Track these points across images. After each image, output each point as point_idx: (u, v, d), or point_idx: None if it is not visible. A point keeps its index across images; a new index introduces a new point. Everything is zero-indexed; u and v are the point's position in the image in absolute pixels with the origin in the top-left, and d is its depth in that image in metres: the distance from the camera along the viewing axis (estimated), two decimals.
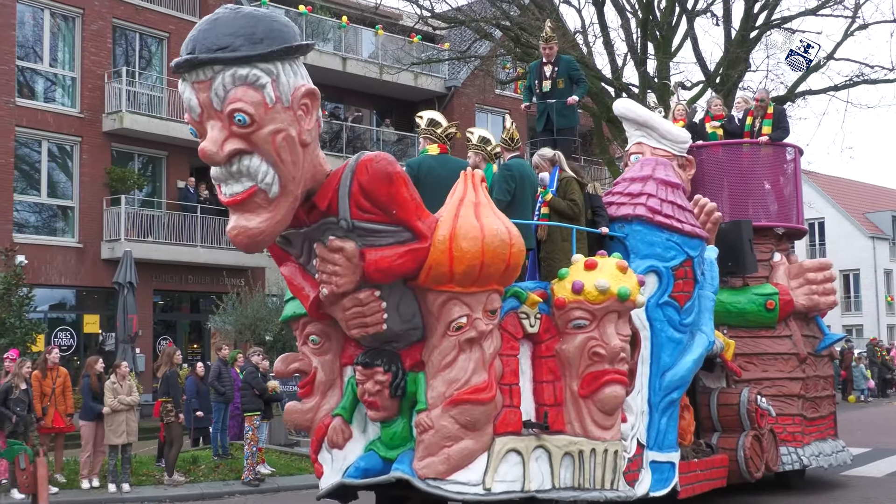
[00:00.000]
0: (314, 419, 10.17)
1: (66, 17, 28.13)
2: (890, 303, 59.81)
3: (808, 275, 15.07)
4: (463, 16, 30.14)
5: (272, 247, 9.64)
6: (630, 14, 29.35)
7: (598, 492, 10.06)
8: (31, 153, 27.80)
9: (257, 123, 8.05)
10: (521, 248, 9.27)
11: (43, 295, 26.39)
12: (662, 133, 14.46)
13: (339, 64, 32.80)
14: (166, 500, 15.97)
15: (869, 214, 62.02)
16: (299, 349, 10.56)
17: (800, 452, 14.26)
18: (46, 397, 16.24)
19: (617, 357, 10.00)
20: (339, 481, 9.89)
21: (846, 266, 58.16)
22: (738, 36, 28.63)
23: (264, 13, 8.55)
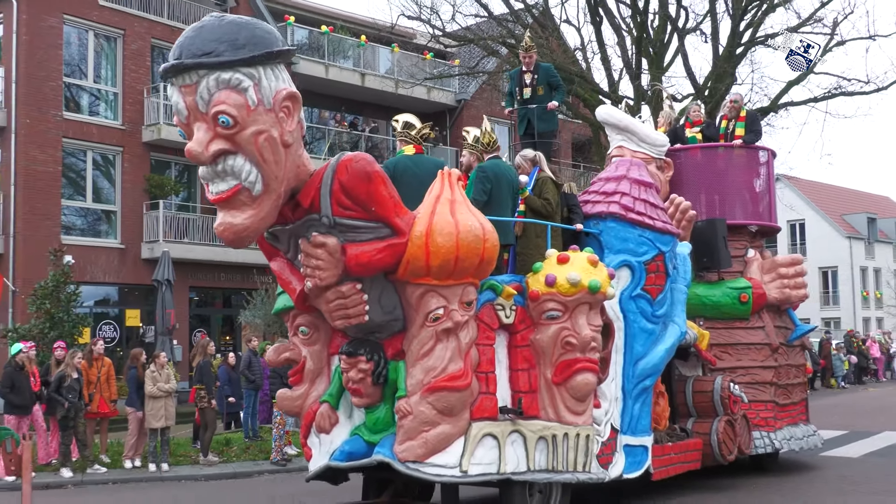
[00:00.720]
0: (303, 405, 9.86)
1: (109, 37, 27.94)
2: (865, 297, 59.68)
3: (781, 270, 14.60)
4: (472, 35, 29.99)
5: (262, 243, 9.44)
6: (625, 32, 29.12)
7: (570, 474, 9.65)
8: (78, 162, 27.65)
9: (240, 125, 7.80)
10: (494, 243, 8.95)
11: (88, 291, 26.15)
12: (642, 137, 14.09)
13: (359, 79, 32.59)
14: (202, 478, 15.83)
15: (846, 216, 61.94)
16: (290, 339, 10.24)
17: (772, 436, 13.78)
18: (92, 385, 16.32)
19: (588, 346, 9.58)
20: (326, 464, 9.61)
21: (825, 264, 58.79)
22: (725, 52, 28.26)
23: (247, 21, 8.40)
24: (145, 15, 28.31)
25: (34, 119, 25.90)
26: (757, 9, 28.12)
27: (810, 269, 57.49)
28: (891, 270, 60.95)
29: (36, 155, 25.90)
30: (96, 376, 16.44)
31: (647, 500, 11.79)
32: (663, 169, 14.18)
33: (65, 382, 15.36)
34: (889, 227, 64.27)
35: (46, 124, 26.10)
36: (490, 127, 10.75)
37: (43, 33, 26.13)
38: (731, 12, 28.12)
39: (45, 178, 26.04)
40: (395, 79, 33.69)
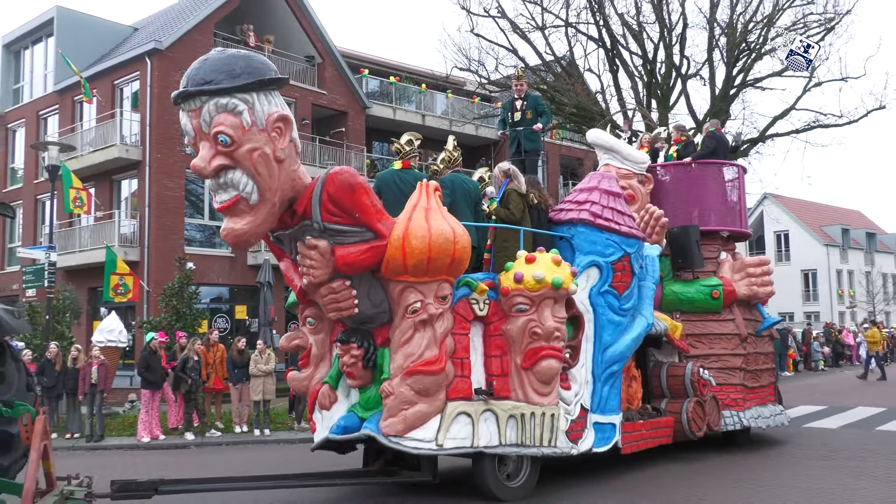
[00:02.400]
0: (309, 385, 9.22)
1: None
2: (840, 295, 58.41)
3: (749, 269, 13.34)
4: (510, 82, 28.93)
5: (272, 247, 9.00)
6: (638, 78, 28.40)
7: (536, 448, 8.74)
8: (197, 188, 27.28)
9: (237, 143, 7.41)
10: (464, 245, 8.20)
11: (206, 291, 25.99)
12: (625, 156, 13.03)
13: (420, 119, 31.94)
14: (296, 441, 15.32)
15: (823, 227, 60.71)
16: (300, 329, 9.49)
17: (741, 415, 12.49)
18: (209, 366, 16.46)
19: (552, 335, 8.64)
20: (326, 437, 8.85)
21: (806, 267, 58.34)
22: (720, 93, 27.48)
23: (245, 54, 7.87)
24: None
25: (163, 154, 25.67)
26: (747, 57, 27.34)
27: (793, 272, 57.74)
28: (862, 272, 60.48)
29: (165, 183, 25.67)
30: (212, 359, 16.56)
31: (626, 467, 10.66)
32: (644, 182, 13.11)
33: (188, 364, 15.83)
34: (860, 237, 63.07)
35: (173, 158, 25.84)
36: (452, 146, 9.85)
37: (169, 86, 25.78)
38: (726, 60, 27.38)
39: (171, 202, 25.77)
40: (449, 119, 33.04)
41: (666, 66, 27.73)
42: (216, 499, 9.09)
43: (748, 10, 26.83)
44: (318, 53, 29.61)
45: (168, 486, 8.05)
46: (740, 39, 26.83)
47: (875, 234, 65.34)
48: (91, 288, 26.35)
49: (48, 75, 29.08)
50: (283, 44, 29.15)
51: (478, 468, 8.62)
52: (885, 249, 64.79)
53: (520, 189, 9.64)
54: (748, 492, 9.29)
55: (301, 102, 28.95)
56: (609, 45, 28.07)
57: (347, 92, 30.24)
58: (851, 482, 9.80)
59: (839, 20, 26.30)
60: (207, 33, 26.87)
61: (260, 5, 28.57)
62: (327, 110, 29.62)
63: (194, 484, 8.52)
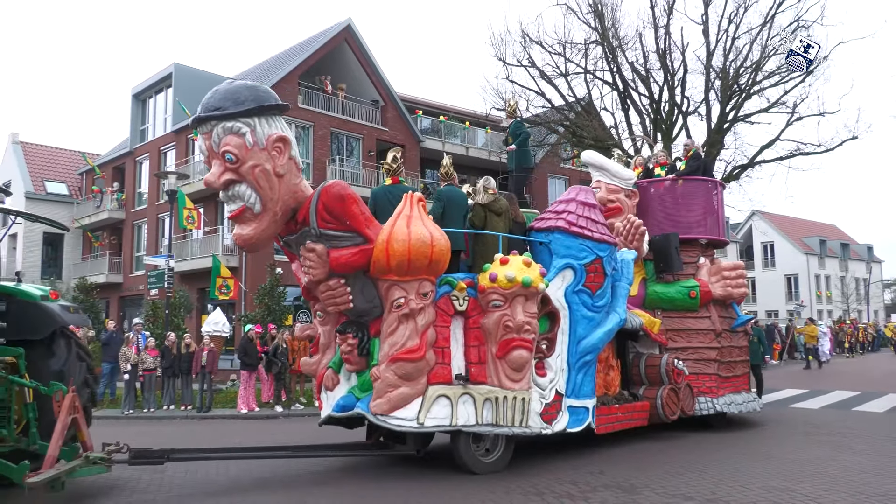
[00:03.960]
0: (317, 370, 8.55)
1: (304, 127, 27.29)
2: (819, 296, 55.86)
3: (724, 273, 12.23)
4: (539, 119, 28.42)
5: (285, 250, 8.44)
6: (645, 115, 27.19)
7: (507, 428, 7.89)
8: None
9: (241, 160, 7.11)
10: (441, 248, 7.45)
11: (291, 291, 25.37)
12: (613, 173, 12.10)
13: (464, 151, 31.26)
14: None
15: (804, 238, 58.23)
16: (312, 320, 8.86)
17: (715, 401, 11.42)
18: (295, 352, 16.03)
19: (522, 328, 7.80)
20: (329, 414, 8.19)
21: (789, 272, 56.53)
22: (715, 127, 26.02)
23: (251, 84, 7.39)
24: (326, 112, 27.54)
25: None
26: (738, 97, 25.77)
27: (778, 277, 55.71)
28: (837, 277, 58.39)
29: None
30: (297, 346, 16.14)
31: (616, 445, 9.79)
32: (630, 196, 12.10)
33: (278, 350, 15.75)
34: (836, 246, 60.51)
35: None
36: (448, 162, 9.11)
37: None
38: (720, 99, 25.92)
39: None
40: (488, 150, 32.21)
41: (669, 104, 26.53)
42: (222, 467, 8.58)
43: (739, 57, 25.61)
44: (382, 98, 29.17)
45: (178, 455, 7.51)
46: (732, 82, 25.55)
47: (848, 244, 62.96)
48: (200, 288, 26.33)
49: (167, 119, 29.26)
50: (353, 90, 28.83)
51: (455, 444, 7.85)
52: (857, 258, 62.39)
53: (480, 201, 8.86)
54: (742, 462, 8.66)
55: (367, 138, 28.59)
56: (621, 88, 27.02)
57: (405, 129, 29.76)
58: (833, 454, 9.24)
59: (817, 65, 24.84)
60: (293, 82, 26.68)
61: (335, 59, 28.29)
62: (388, 144, 29.12)
63: (202, 453, 7.94)
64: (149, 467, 7.55)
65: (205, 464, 8.39)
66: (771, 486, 7.31)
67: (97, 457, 7.00)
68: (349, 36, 28.11)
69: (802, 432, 11.24)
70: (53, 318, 7.65)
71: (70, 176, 34.23)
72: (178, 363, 16.01)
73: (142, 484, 7.73)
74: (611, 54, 26.57)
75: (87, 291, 24.35)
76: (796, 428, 11.74)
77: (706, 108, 26.40)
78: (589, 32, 26.77)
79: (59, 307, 7.86)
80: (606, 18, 26.39)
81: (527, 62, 27.35)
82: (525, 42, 27.03)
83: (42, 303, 7.72)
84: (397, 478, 7.90)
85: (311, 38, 29.36)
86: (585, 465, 8.46)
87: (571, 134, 27.62)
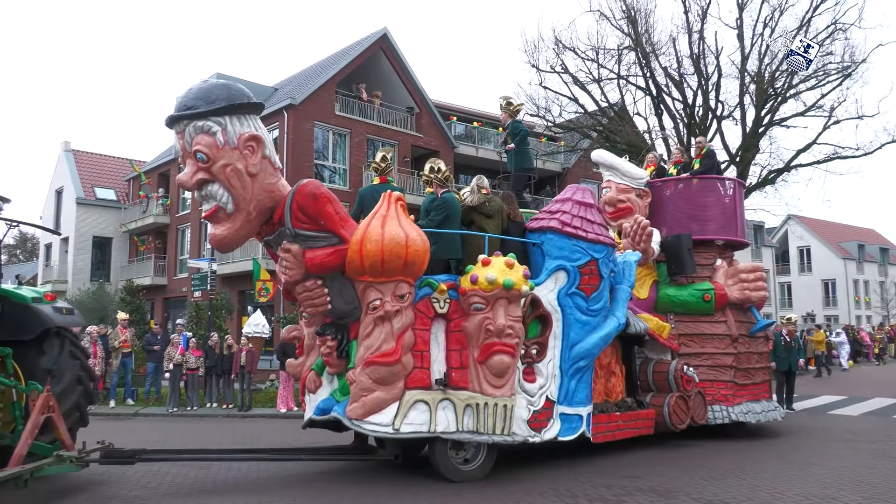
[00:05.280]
0: (302, 371, 8.13)
1: (341, 134, 27.20)
2: (857, 301, 53.37)
3: (742, 275, 11.32)
4: (573, 125, 27.74)
5: (268, 250, 7.97)
6: (679, 120, 26.12)
7: (487, 436, 7.30)
8: None
9: (212, 160, 6.81)
10: (417, 249, 6.95)
11: None
12: (623, 172, 11.37)
13: (497, 156, 30.57)
14: None
15: (841, 243, 55.61)
16: (299, 322, 8.49)
17: (730, 410, 10.55)
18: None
19: (503, 332, 7.22)
20: (310, 417, 7.73)
21: (826, 277, 54.09)
22: (750, 131, 24.80)
23: (224, 83, 7.01)
24: (363, 119, 27.38)
25: None
26: (773, 101, 24.59)
27: (815, 282, 53.36)
28: (876, 282, 55.58)
29: None
30: None
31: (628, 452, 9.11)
32: (642, 196, 11.35)
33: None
34: (875, 251, 57.86)
35: None
36: (446, 167, 8.60)
37: (302, 133, 25.74)
38: (755, 104, 24.69)
39: None
40: None
41: (703, 109, 25.48)
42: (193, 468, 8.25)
43: (774, 61, 24.41)
44: (417, 104, 28.83)
45: (147, 455, 7.20)
46: (768, 86, 24.39)
47: (888, 248, 60.00)
48: (241, 291, 26.42)
49: None
50: (388, 98, 28.59)
51: (431, 451, 7.32)
52: None
53: (469, 203, 8.31)
54: (780, 468, 8.21)
55: (402, 144, 28.30)
56: (655, 93, 26.13)
57: (439, 135, 29.36)
58: (874, 462, 8.65)
59: (855, 67, 23.64)
60: (330, 91, 26.60)
61: (371, 67, 28.08)
62: (423, 150, 28.83)
63: (172, 454, 7.61)
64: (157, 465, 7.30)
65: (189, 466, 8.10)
66: (809, 494, 6.84)
67: (69, 456, 6.90)
68: (385, 44, 27.90)
69: (841, 440, 10.55)
70: (43, 319, 7.64)
71: (118, 182, 34.80)
72: (221, 363, 15.95)
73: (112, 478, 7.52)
74: (644, 59, 25.76)
75: (133, 293, 24.63)
76: (835, 435, 11.04)
77: (741, 113, 25.33)
78: (622, 38, 26.08)
79: (52, 308, 7.86)
80: (640, 24, 25.57)
81: (560, 68, 26.71)
82: (558, 48, 26.39)
83: (32, 304, 7.73)
84: (405, 482, 7.44)
85: (348, 46, 29.26)
86: (619, 469, 8.02)
87: (604, 139, 26.77)
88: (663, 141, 20.74)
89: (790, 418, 13.00)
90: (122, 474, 7.79)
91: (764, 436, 10.86)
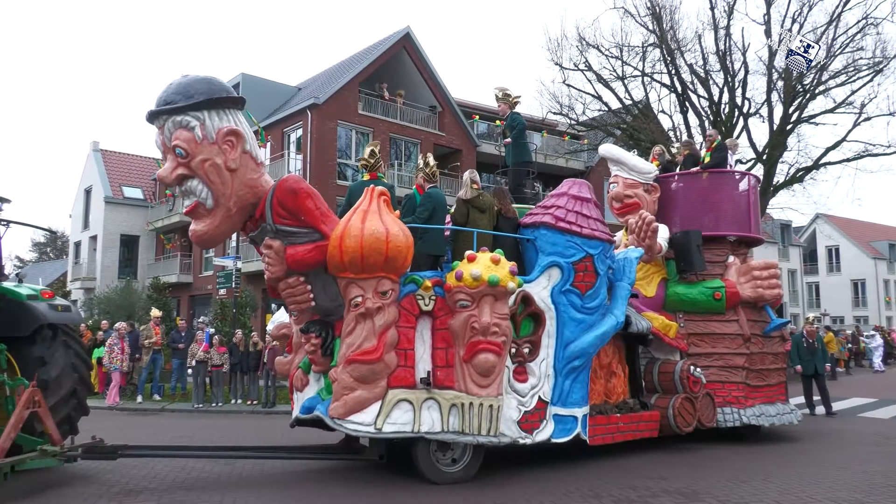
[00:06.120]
0: (290, 369, 7.97)
1: (363, 132, 27.11)
2: (888, 302, 51.15)
3: (755, 272, 10.78)
4: (596, 123, 27.21)
5: (256, 247, 7.75)
6: (705, 117, 25.45)
7: (472, 437, 6.99)
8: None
9: (190, 155, 6.70)
10: (398, 243, 6.71)
11: None
12: (631, 167, 11.00)
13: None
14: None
15: (872, 242, 53.55)
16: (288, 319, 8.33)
17: (741, 413, 10.07)
18: None
19: (488, 330, 6.91)
20: (296, 415, 7.54)
21: (856, 277, 51.83)
22: (778, 128, 23.98)
23: (204, 77, 6.88)
24: (385, 118, 27.27)
25: (320, 185, 25.05)
26: (802, 97, 23.77)
27: (844, 282, 51.31)
28: None
29: None
30: None
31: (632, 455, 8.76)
32: (650, 191, 10.96)
33: None
34: None
35: (327, 189, 25.37)
36: (433, 162, 8.36)
37: (325, 132, 25.72)
38: (783, 101, 23.92)
39: None
40: (544, 154, 30.98)
41: (729, 106, 24.75)
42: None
43: None
44: (439, 103, 28.61)
45: (129, 451, 7.09)
46: (796, 82, 23.56)
47: None
48: (264, 288, 26.40)
49: None
50: (411, 97, 28.41)
51: (414, 452, 7.05)
52: None
53: (463, 196, 8.04)
54: (809, 471, 7.93)
55: (425, 142, 28.10)
56: (680, 91, 25.50)
57: (462, 133, 29.10)
58: None
59: (887, 63, 22.72)
60: (353, 90, 26.52)
61: (394, 67, 27.92)
62: (446, 148, 28.60)
63: (152, 450, 7.49)
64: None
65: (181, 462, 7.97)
66: (839, 498, 6.59)
67: (53, 450, 6.90)
68: (408, 44, 27.73)
69: (873, 443, 10.18)
70: (36, 316, 7.72)
71: (145, 181, 35.12)
72: (246, 360, 15.93)
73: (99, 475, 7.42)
74: (669, 56, 25.16)
75: (159, 290, 24.90)
76: (866, 438, 10.65)
77: (768, 110, 24.56)
78: (646, 35, 25.54)
79: (47, 306, 7.94)
80: (664, 21, 24.98)
81: (583, 66, 26.28)
82: (582, 46, 25.96)
83: (27, 301, 7.83)
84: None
85: (371, 46, 29.16)
86: (645, 470, 7.81)
87: (628, 137, 26.25)
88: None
89: (818, 421, 12.55)
90: (109, 469, 7.69)
91: (792, 439, 10.51)
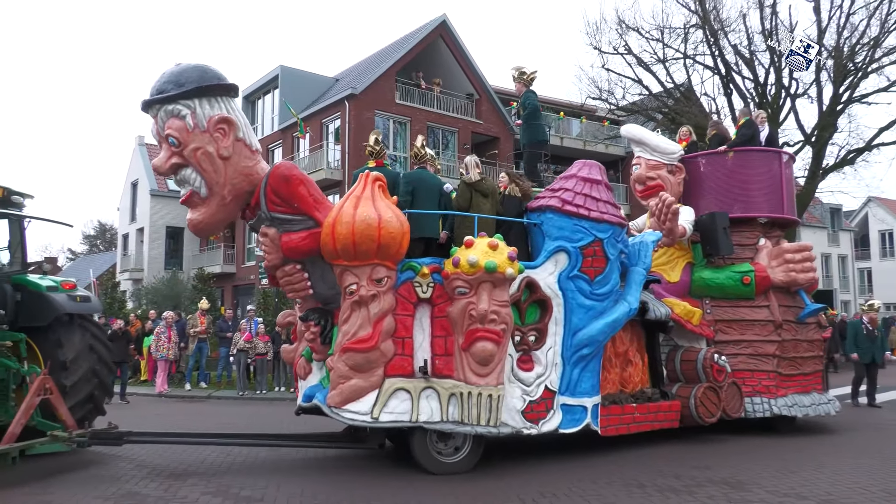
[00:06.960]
0: (294, 357, 7.83)
1: (401, 122, 27.00)
2: None
3: (787, 256, 10.15)
4: (636, 107, 26.36)
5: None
6: (750, 99, 24.36)
7: (470, 427, 6.74)
8: None
9: (183, 144, 6.66)
10: (391, 230, 6.51)
11: None
12: (653, 147, 10.51)
13: (559, 141, 29.61)
14: None
15: None
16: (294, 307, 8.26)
17: (772, 403, 9.54)
18: None
19: (486, 318, 6.64)
20: (299, 404, 7.45)
21: None
22: (827, 109, 22.85)
23: (196, 65, 6.80)
24: (423, 107, 27.10)
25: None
26: (853, 76, 22.58)
27: None
28: None
29: None
30: None
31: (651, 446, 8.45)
32: (674, 173, 10.44)
33: None
34: None
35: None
36: (421, 144, 8.12)
37: (363, 121, 25.67)
38: (833, 80, 22.74)
39: None
40: (583, 139, 30.51)
41: (776, 87, 23.64)
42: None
43: (854, 34, 22.35)
44: (476, 91, 28.26)
45: (134, 437, 7.14)
46: (847, 61, 22.35)
47: None
48: None
49: (274, 118, 29.86)
50: (448, 85, 28.13)
51: (411, 441, 6.86)
52: None
53: (467, 179, 7.75)
54: (861, 462, 7.62)
55: (462, 131, 27.82)
56: (723, 72, 24.50)
57: (499, 121, 28.69)
58: None
59: None
60: (390, 80, 26.41)
61: (430, 55, 27.68)
62: (483, 136, 28.26)
63: (157, 436, 7.54)
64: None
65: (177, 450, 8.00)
66: (895, 490, 6.25)
67: (62, 436, 7.04)
68: (444, 32, 27.44)
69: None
70: (55, 306, 7.94)
71: None
72: None
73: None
74: (712, 37, 24.25)
75: (204, 280, 25.35)
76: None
77: (817, 90, 23.45)
78: (689, 16, 24.70)
79: (66, 297, 8.15)
80: (708, 0, 24.04)
81: (623, 49, 25.54)
82: (621, 29, 25.23)
83: (46, 293, 8.07)
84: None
85: (408, 35, 28.96)
86: (690, 459, 7.59)
87: (670, 121, 25.37)
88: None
89: (863, 412, 11.99)
90: (158, 454, 7.86)
91: (842, 429, 10.16)
